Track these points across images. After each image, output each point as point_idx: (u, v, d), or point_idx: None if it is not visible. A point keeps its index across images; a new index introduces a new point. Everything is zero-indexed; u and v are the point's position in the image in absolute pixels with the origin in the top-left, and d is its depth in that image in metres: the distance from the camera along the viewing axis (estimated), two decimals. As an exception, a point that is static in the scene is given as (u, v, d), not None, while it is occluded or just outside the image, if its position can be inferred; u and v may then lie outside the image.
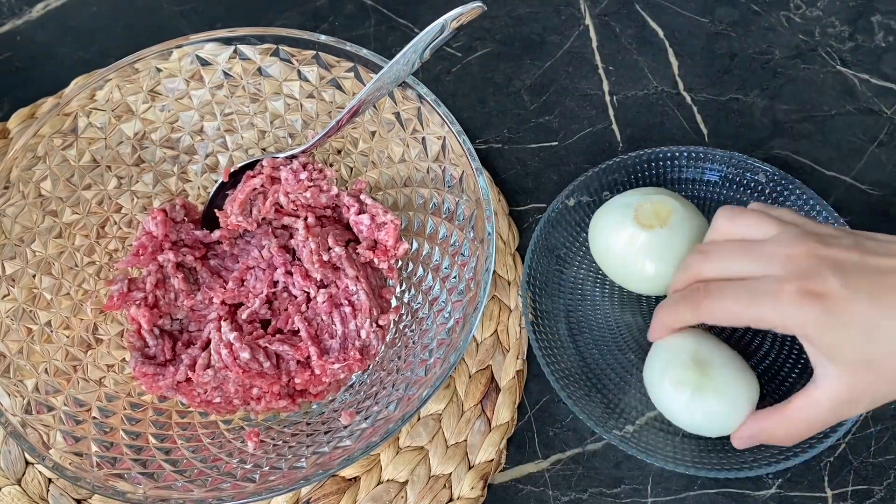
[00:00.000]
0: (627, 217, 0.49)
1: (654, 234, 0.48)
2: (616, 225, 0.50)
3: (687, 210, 0.50)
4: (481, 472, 0.50)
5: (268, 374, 0.49)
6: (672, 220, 0.49)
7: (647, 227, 0.49)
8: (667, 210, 0.49)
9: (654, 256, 0.49)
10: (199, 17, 0.67)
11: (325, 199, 0.52)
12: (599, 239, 0.51)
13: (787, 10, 0.66)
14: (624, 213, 0.50)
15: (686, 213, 0.49)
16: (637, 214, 0.49)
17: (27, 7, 0.67)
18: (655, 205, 0.49)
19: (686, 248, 0.48)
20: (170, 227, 0.52)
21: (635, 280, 0.50)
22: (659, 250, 0.49)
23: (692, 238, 0.49)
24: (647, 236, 0.49)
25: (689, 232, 0.49)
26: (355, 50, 0.50)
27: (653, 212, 0.49)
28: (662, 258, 0.49)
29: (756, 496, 0.49)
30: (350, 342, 0.50)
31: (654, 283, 0.50)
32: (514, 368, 0.53)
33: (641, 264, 0.49)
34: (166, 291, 0.52)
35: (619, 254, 0.50)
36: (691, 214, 0.50)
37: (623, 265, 0.50)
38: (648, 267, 0.49)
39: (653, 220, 0.49)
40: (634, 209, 0.49)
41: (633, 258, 0.49)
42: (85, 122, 0.50)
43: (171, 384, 0.49)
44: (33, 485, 0.50)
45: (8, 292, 0.47)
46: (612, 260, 0.51)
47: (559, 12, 0.66)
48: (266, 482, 0.43)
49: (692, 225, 0.49)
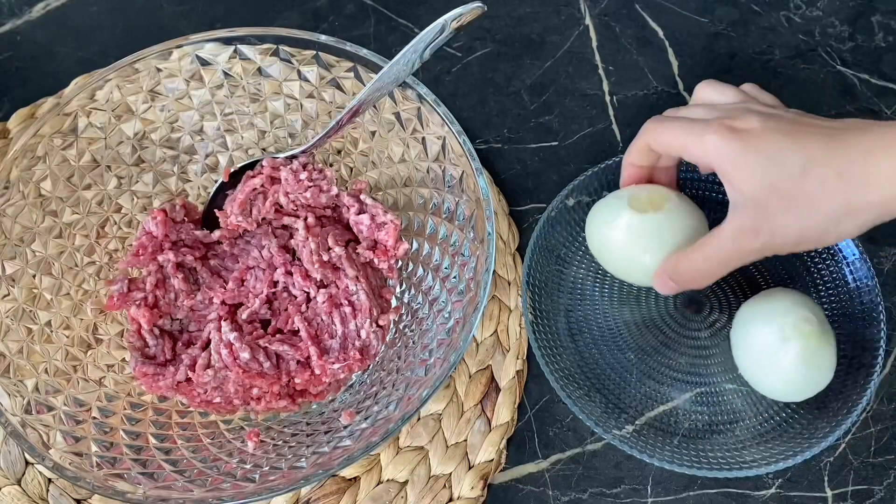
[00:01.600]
0: (622, 205, 0.48)
1: (649, 219, 0.47)
2: (611, 214, 0.49)
3: (682, 198, 0.49)
4: (481, 472, 0.50)
5: (268, 374, 0.49)
6: (667, 206, 0.48)
7: (641, 211, 0.48)
8: (661, 197, 0.48)
9: (651, 242, 0.48)
10: (199, 17, 0.67)
11: (325, 199, 0.52)
12: (595, 232, 0.50)
13: (787, 10, 0.66)
14: (618, 203, 0.49)
15: (681, 200, 0.49)
16: (632, 202, 0.48)
17: (27, 7, 0.67)
18: (650, 193, 0.49)
19: (683, 232, 0.47)
20: (170, 227, 0.52)
21: (634, 269, 0.49)
22: (655, 235, 0.47)
23: (688, 223, 0.48)
24: (643, 221, 0.47)
25: (686, 217, 0.48)
26: (355, 50, 0.50)
27: (647, 199, 0.48)
28: (660, 242, 0.47)
29: (756, 496, 0.49)
30: (350, 342, 0.50)
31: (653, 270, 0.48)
32: (514, 368, 0.53)
33: (638, 251, 0.48)
34: (166, 291, 0.52)
35: (616, 245, 0.49)
36: (686, 202, 0.49)
37: (620, 255, 0.49)
38: (646, 253, 0.48)
39: (647, 206, 0.48)
40: (629, 198, 0.49)
41: (630, 245, 0.48)
42: (85, 122, 0.50)
43: (171, 384, 0.49)
44: (33, 485, 0.50)
45: (8, 292, 0.47)
46: (610, 252, 0.50)
47: (559, 12, 0.66)
48: (266, 482, 0.43)
49: (688, 210, 0.48)
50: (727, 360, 0.52)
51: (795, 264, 0.54)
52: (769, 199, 0.42)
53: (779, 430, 0.50)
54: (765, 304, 0.49)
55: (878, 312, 0.51)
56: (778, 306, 0.48)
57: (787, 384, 0.48)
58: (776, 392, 0.49)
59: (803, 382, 0.48)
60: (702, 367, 0.52)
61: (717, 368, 0.52)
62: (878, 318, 0.51)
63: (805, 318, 0.47)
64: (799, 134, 0.42)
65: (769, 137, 0.42)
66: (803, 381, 0.48)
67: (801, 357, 0.47)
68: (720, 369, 0.52)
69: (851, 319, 0.52)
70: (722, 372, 0.52)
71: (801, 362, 0.47)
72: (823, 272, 0.54)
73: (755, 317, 0.49)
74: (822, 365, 0.48)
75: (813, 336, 0.47)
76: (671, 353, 0.53)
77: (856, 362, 0.50)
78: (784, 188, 0.41)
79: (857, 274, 0.52)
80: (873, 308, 0.51)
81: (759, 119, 0.43)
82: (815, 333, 0.47)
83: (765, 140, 0.42)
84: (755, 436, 0.50)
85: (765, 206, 0.42)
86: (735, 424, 0.51)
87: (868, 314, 0.51)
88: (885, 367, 0.53)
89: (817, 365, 0.48)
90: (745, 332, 0.49)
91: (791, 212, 0.42)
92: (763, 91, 0.48)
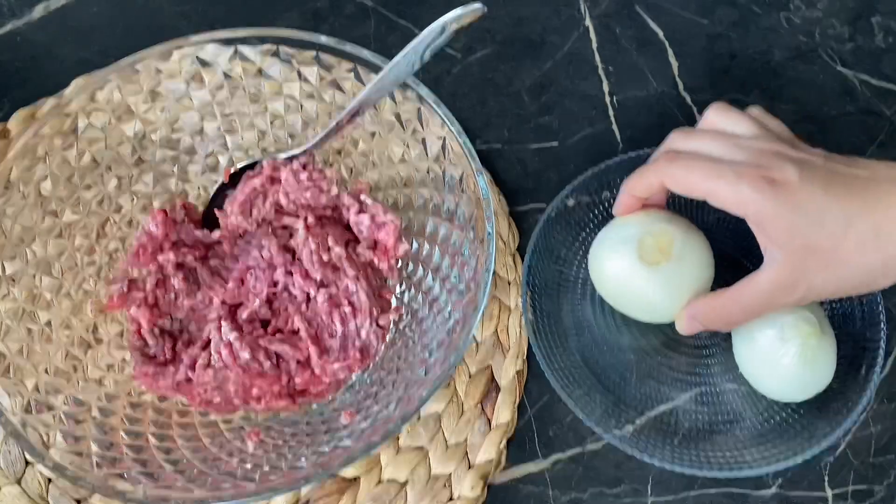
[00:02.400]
0: (631, 254, 0.49)
1: (661, 270, 0.48)
2: (621, 265, 0.49)
3: (687, 234, 0.49)
4: (481, 472, 0.50)
5: (268, 374, 0.49)
6: (674, 251, 0.48)
7: (653, 263, 0.48)
8: (668, 241, 0.48)
9: (665, 289, 0.48)
10: (200, 17, 0.67)
11: (325, 199, 0.53)
12: (603, 276, 0.51)
13: (787, 11, 0.66)
14: (626, 250, 0.49)
15: (686, 237, 0.49)
16: (641, 252, 0.48)
17: (27, 8, 0.67)
18: (657, 238, 0.49)
19: (693, 274, 0.48)
20: (170, 227, 0.52)
21: (648, 314, 0.50)
22: (668, 283, 0.48)
23: (698, 263, 0.49)
24: (655, 273, 0.48)
25: (694, 257, 0.49)
26: (356, 51, 0.50)
27: (655, 246, 0.48)
28: (674, 290, 0.48)
29: (756, 496, 0.49)
30: (350, 342, 0.50)
31: (669, 312, 0.49)
32: (514, 368, 0.53)
33: (653, 298, 0.49)
34: (166, 291, 0.52)
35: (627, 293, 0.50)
36: (692, 237, 0.49)
37: (631, 301, 0.50)
38: (661, 300, 0.49)
39: (657, 256, 0.48)
40: (637, 246, 0.49)
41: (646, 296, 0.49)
42: (85, 122, 0.50)
43: (172, 384, 0.49)
44: (33, 485, 0.50)
45: (8, 292, 0.47)
46: (622, 297, 0.50)
47: (559, 13, 0.66)
48: (266, 482, 0.43)
49: (695, 249, 0.49)
50: (727, 360, 0.52)
51: (795, 264, 0.54)
52: (808, 257, 0.42)
53: (779, 430, 0.50)
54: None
55: (878, 312, 0.51)
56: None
57: (786, 384, 0.48)
58: (776, 392, 0.49)
59: (803, 382, 0.48)
60: (702, 367, 0.52)
61: (717, 368, 0.52)
62: (878, 318, 0.51)
63: (805, 318, 0.47)
64: (836, 187, 0.42)
65: (808, 193, 0.41)
66: (802, 382, 0.48)
67: (801, 357, 0.47)
68: (720, 369, 0.52)
69: (851, 319, 0.52)
70: (722, 372, 0.52)
71: (801, 362, 0.47)
72: (823, 272, 0.54)
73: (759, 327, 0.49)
74: (822, 365, 0.48)
75: (813, 336, 0.47)
76: (671, 353, 0.53)
77: (856, 362, 0.50)
78: (824, 248, 0.42)
79: (857, 274, 0.52)
80: (873, 308, 0.51)
81: (795, 170, 0.42)
82: (814, 333, 0.47)
83: (804, 196, 0.41)
84: (755, 436, 0.50)
85: (803, 263, 0.42)
86: (735, 424, 0.50)
87: (868, 314, 0.51)
88: (885, 368, 0.53)
89: (817, 365, 0.48)
90: (746, 331, 0.49)
91: (829, 269, 0.42)
92: (769, 116, 0.48)
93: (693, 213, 0.56)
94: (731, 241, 0.55)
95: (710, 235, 0.54)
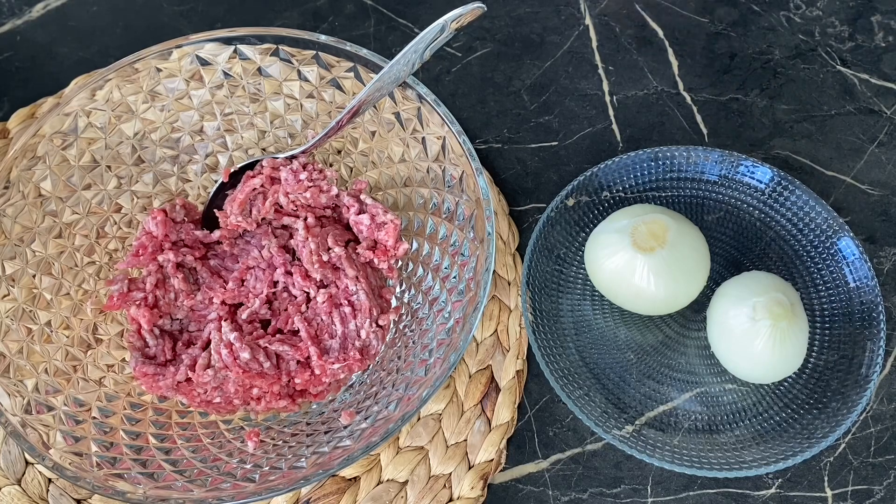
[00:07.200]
0: (625, 242, 0.49)
1: (656, 257, 0.48)
2: (615, 254, 0.50)
3: (679, 222, 0.50)
4: (481, 472, 0.50)
5: (268, 374, 0.49)
6: (669, 238, 0.49)
7: (647, 250, 0.48)
8: (662, 228, 0.49)
9: (661, 277, 0.49)
10: (199, 17, 0.67)
11: (325, 199, 0.52)
12: (599, 268, 0.51)
13: (787, 10, 0.66)
14: (620, 239, 0.49)
15: (679, 225, 0.49)
16: (634, 239, 0.49)
17: (27, 7, 0.67)
18: (649, 225, 0.49)
19: (688, 260, 0.49)
20: (170, 227, 0.52)
21: (646, 305, 0.50)
22: (664, 270, 0.49)
23: (692, 249, 0.49)
24: (650, 259, 0.48)
25: (688, 242, 0.49)
26: (355, 50, 0.50)
27: (649, 233, 0.49)
28: (669, 277, 0.49)
29: (756, 496, 0.49)
30: (350, 342, 0.50)
31: (666, 302, 0.50)
32: (514, 368, 0.53)
33: (649, 287, 0.49)
34: (166, 291, 0.52)
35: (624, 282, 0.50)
36: (684, 225, 0.50)
37: (628, 290, 0.50)
38: (657, 288, 0.49)
39: (651, 242, 0.49)
40: (630, 234, 0.49)
41: (643, 285, 0.49)
42: (85, 122, 0.50)
43: (172, 384, 0.49)
44: (33, 485, 0.50)
45: (8, 292, 0.47)
46: (619, 288, 0.50)
47: (559, 12, 0.66)
48: (266, 482, 0.43)
49: (688, 236, 0.49)
50: (727, 360, 0.52)
51: (795, 263, 0.54)
52: None
53: (779, 430, 0.50)
54: (741, 284, 0.49)
55: (878, 312, 0.51)
56: (754, 287, 0.49)
57: (754, 365, 0.48)
58: (744, 372, 0.49)
59: (770, 364, 0.48)
60: (702, 367, 0.52)
61: (717, 368, 0.52)
62: (878, 318, 0.51)
63: (777, 300, 0.47)
64: None
65: None
66: (770, 363, 0.48)
67: (770, 338, 0.47)
68: (720, 369, 0.52)
69: (851, 319, 0.52)
70: (722, 372, 0.52)
71: (770, 344, 0.47)
72: (823, 272, 0.54)
73: (730, 294, 0.49)
74: (791, 348, 0.48)
75: (783, 318, 0.47)
76: (671, 353, 0.53)
77: (856, 362, 0.50)
78: None
79: (857, 274, 0.52)
80: (873, 308, 0.51)
81: None
82: (785, 316, 0.47)
83: None
84: (755, 436, 0.50)
85: None
86: (735, 424, 0.50)
87: (868, 314, 0.51)
88: (885, 367, 0.53)
89: (786, 348, 0.48)
90: (720, 309, 0.49)
91: None
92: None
93: (693, 213, 0.56)
94: (731, 241, 0.55)
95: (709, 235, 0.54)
